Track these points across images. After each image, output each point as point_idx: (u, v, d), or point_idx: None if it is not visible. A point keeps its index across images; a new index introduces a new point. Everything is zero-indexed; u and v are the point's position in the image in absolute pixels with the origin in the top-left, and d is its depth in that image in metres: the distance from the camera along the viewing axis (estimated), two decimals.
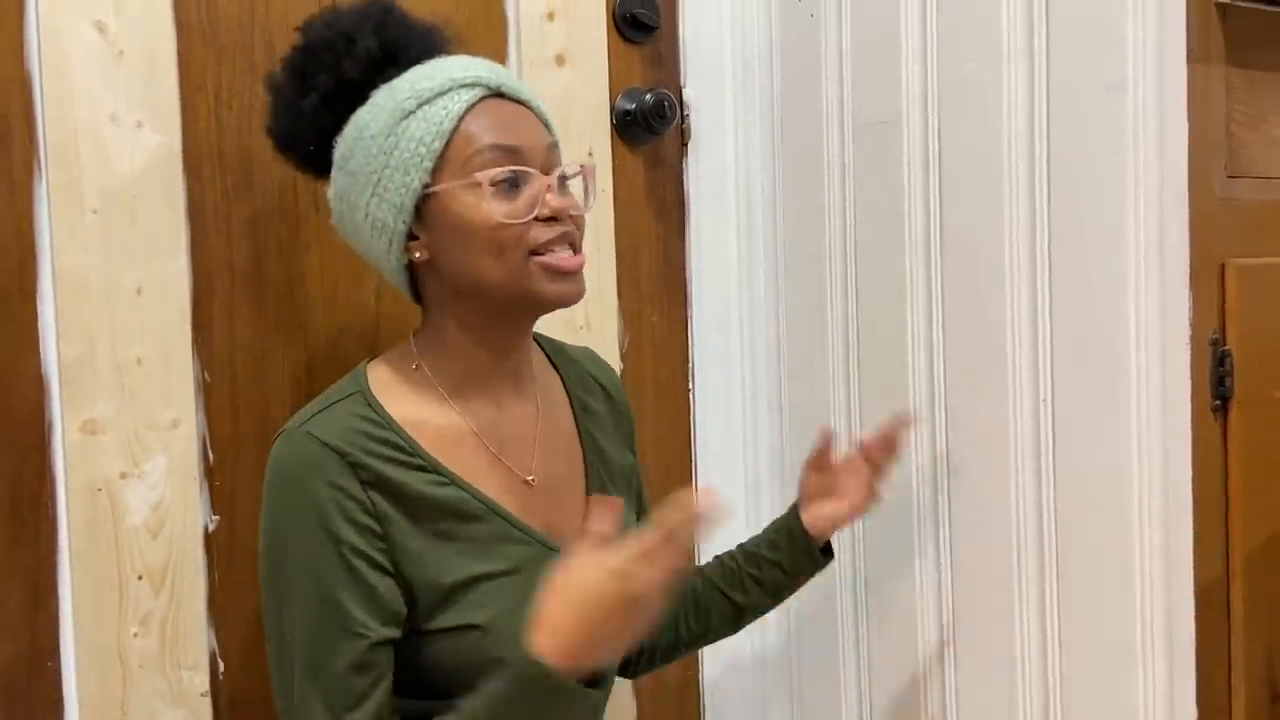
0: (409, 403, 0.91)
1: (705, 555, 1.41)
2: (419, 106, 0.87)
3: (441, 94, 0.87)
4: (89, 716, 1.02)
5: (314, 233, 1.13)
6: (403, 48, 0.92)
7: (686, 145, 1.39)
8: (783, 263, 1.37)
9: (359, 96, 0.91)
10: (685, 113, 1.38)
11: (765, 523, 1.41)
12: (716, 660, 1.42)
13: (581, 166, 0.95)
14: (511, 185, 0.87)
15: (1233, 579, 1.09)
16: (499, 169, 0.86)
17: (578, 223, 0.91)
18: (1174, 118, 0.97)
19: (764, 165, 1.38)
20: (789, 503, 1.39)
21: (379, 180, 0.88)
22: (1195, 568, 0.98)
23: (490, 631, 0.86)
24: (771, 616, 1.41)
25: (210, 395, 1.08)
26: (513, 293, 0.88)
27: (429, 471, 0.88)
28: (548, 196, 0.88)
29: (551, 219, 0.88)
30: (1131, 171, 0.97)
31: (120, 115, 1.03)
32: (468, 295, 0.90)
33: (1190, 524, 0.98)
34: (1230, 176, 1.10)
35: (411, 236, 0.89)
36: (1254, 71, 1.12)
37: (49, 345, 1.00)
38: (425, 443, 0.89)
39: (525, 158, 0.88)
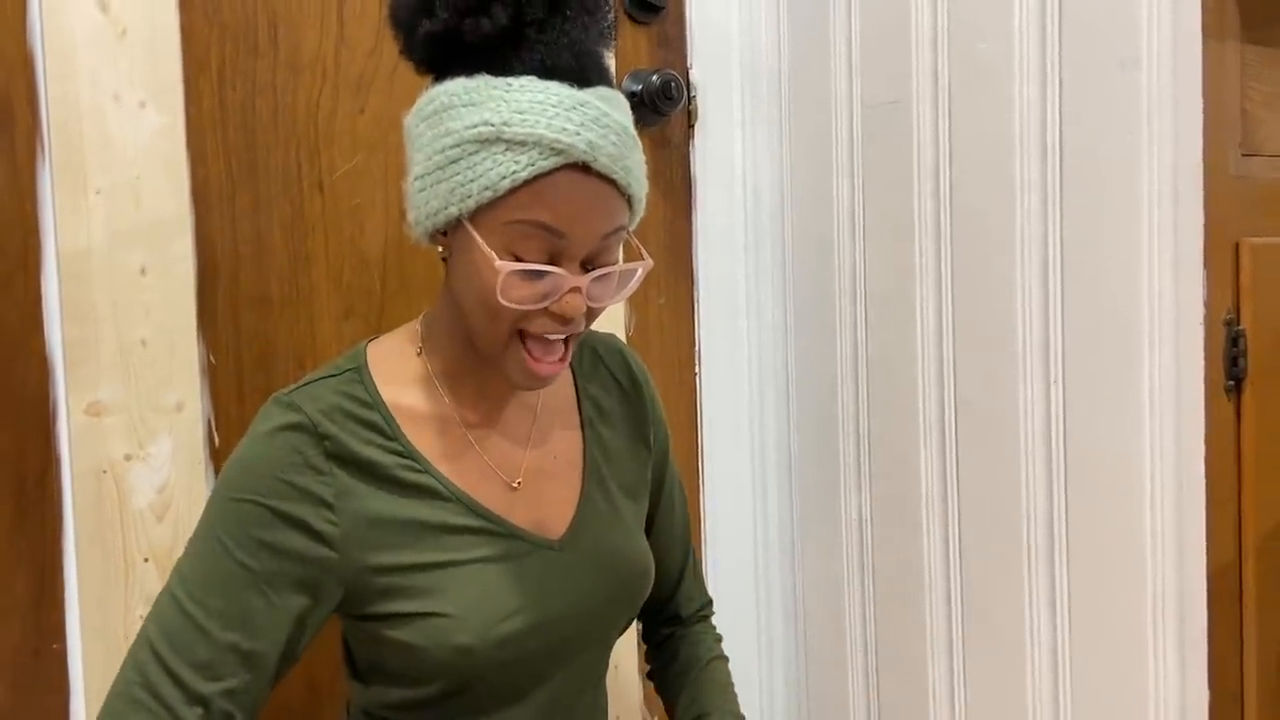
0: (402, 386, 0.90)
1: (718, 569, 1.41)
2: (495, 142, 0.78)
3: (521, 146, 0.78)
4: (95, 699, 1.02)
5: (318, 214, 1.12)
6: (533, 43, 0.81)
7: (693, 127, 1.38)
8: (790, 245, 1.36)
9: (469, 57, 0.81)
10: (692, 94, 1.37)
11: (770, 506, 1.41)
12: (722, 632, 1.41)
13: (635, 265, 0.86)
14: (533, 274, 0.80)
15: (1245, 561, 1.08)
16: (520, 266, 0.79)
17: (595, 311, 0.85)
18: (1188, 95, 0.96)
19: (771, 147, 1.37)
20: (795, 487, 1.39)
21: (431, 174, 0.83)
22: (1207, 550, 0.97)
23: (456, 618, 0.84)
24: (778, 599, 1.41)
25: (215, 378, 1.07)
26: (487, 355, 0.86)
27: (405, 458, 0.87)
28: (568, 297, 0.81)
29: (559, 314, 0.82)
30: (1145, 150, 0.96)
31: (123, 95, 1.02)
32: (463, 316, 0.87)
33: (1203, 506, 0.97)
34: (1245, 155, 1.09)
35: (442, 233, 0.86)
36: (1269, 49, 1.10)
37: (53, 327, 1.00)
38: (410, 429, 0.88)
39: (569, 245, 0.80)
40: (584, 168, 0.79)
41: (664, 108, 1.32)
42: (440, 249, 0.87)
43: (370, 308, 1.16)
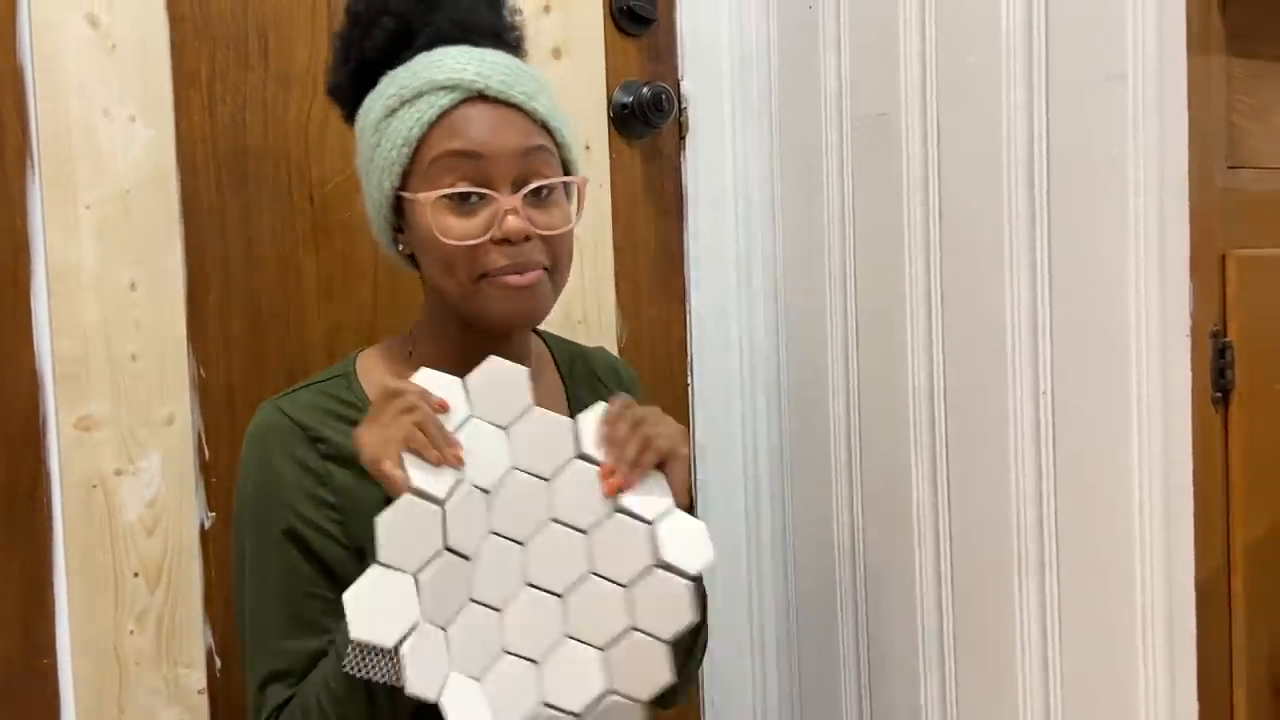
0: None
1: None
2: (400, 106, 0.85)
3: (418, 97, 0.85)
4: (85, 715, 1.01)
5: (309, 227, 1.13)
6: (419, 29, 0.89)
7: (684, 138, 1.38)
8: (781, 256, 1.36)
9: (380, 74, 0.89)
10: (683, 105, 1.37)
11: (763, 514, 1.41)
12: (714, 642, 1.41)
13: (567, 180, 0.90)
14: (465, 199, 0.84)
15: (1234, 572, 1.08)
16: (443, 190, 0.84)
17: (552, 243, 0.87)
18: (1174, 108, 0.96)
19: (762, 158, 1.38)
20: (787, 497, 1.39)
21: (368, 172, 0.90)
22: (1196, 560, 0.97)
23: None
24: (770, 608, 1.42)
25: (205, 391, 1.07)
26: (465, 311, 0.88)
27: None
28: (508, 220, 0.83)
29: (506, 241, 0.84)
30: (1131, 162, 0.96)
31: (113, 109, 1.02)
32: (438, 297, 0.90)
33: (1191, 517, 0.97)
34: (1231, 167, 1.09)
35: (399, 230, 0.90)
36: (1255, 61, 1.11)
37: (43, 341, 1.00)
38: None
39: (491, 167, 0.84)
40: (481, 96, 0.85)
41: (655, 120, 1.32)
42: (402, 248, 0.91)
43: (361, 320, 1.16)
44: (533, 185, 0.85)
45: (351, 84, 0.91)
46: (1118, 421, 0.98)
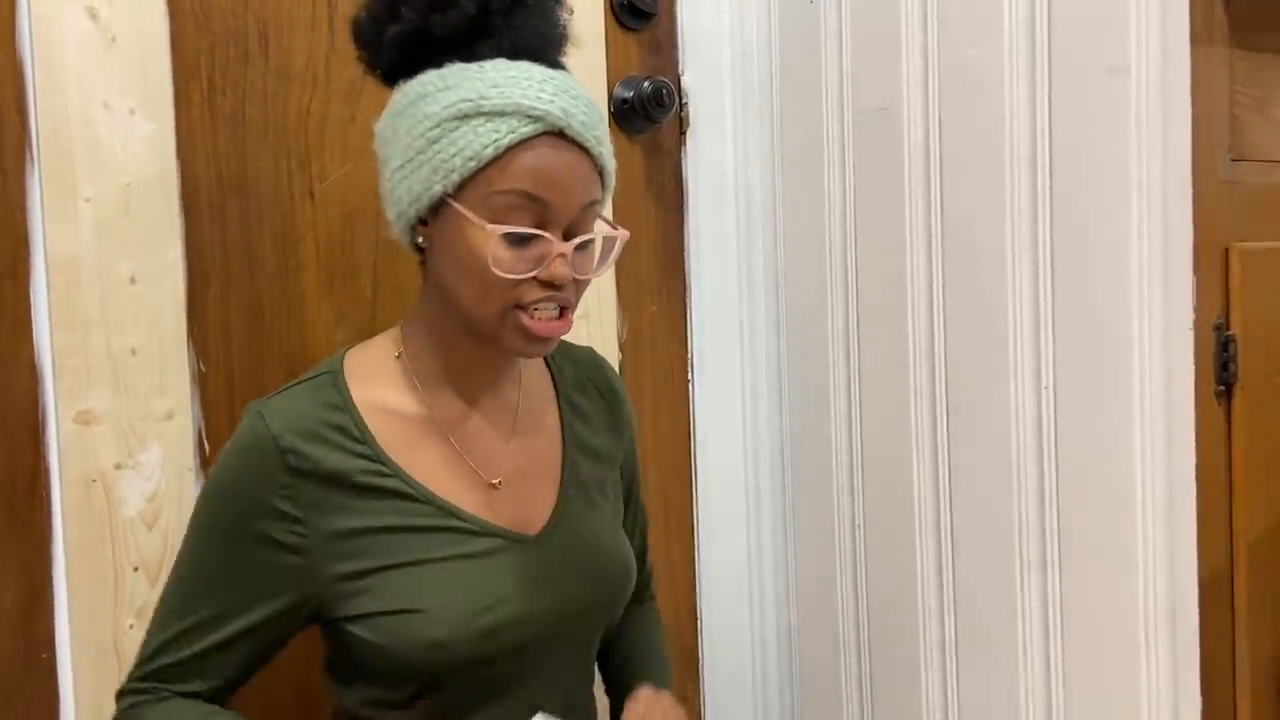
0: (379, 389, 0.91)
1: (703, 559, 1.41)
2: (475, 115, 0.82)
3: (500, 115, 0.82)
4: (85, 710, 1.01)
5: (309, 222, 1.12)
6: (500, 29, 0.86)
7: (685, 133, 1.38)
8: (782, 251, 1.36)
9: (439, 52, 0.86)
10: (684, 100, 1.37)
11: (763, 511, 1.41)
12: (715, 640, 1.41)
13: (614, 233, 0.91)
14: (522, 236, 0.84)
15: (1237, 566, 1.08)
16: (510, 228, 0.83)
17: (581, 285, 0.88)
18: (1177, 101, 0.96)
19: (763, 153, 1.37)
20: (788, 494, 1.39)
21: (411, 160, 0.86)
22: (1199, 555, 0.97)
23: (428, 614, 0.85)
24: (771, 606, 1.41)
25: (205, 386, 1.07)
26: (483, 331, 0.88)
27: (373, 461, 0.88)
28: (556, 264, 0.84)
29: (550, 283, 0.85)
30: (1134, 156, 0.96)
31: (113, 102, 1.02)
32: (450, 302, 0.89)
33: (1194, 511, 0.97)
34: (1234, 160, 1.09)
35: (422, 222, 0.88)
36: (1257, 54, 1.11)
37: (43, 335, 0.99)
38: (384, 431, 0.89)
39: (552, 214, 0.84)
40: (559, 134, 0.84)
41: (656, 114, 1.32)
42: (420, 240, 0.89)
43: (361, 315, 1.15)
44: (584, 239, 0.86)
45: (397, 46, 0.87)
46: (1120, 416, 0.98)
